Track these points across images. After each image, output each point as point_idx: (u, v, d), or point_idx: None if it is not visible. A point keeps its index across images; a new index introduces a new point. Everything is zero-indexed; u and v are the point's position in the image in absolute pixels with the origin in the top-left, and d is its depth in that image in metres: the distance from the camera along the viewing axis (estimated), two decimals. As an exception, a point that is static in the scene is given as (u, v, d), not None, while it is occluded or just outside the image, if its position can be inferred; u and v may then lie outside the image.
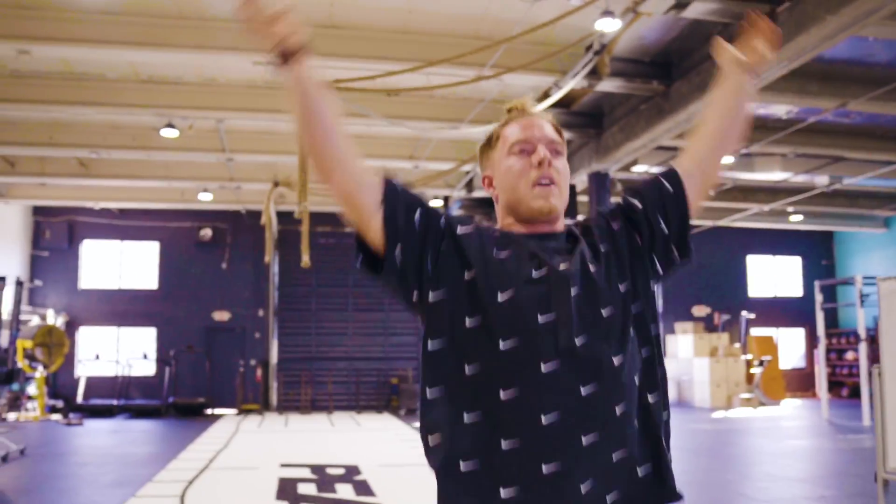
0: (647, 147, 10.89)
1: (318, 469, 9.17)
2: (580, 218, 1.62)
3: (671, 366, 20.05)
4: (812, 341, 20.41)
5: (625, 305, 1.48)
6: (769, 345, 20.36)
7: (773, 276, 22.38)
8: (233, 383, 18.38)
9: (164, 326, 18.53)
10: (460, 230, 1.49)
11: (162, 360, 18.09)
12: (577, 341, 1.40)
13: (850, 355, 19.89)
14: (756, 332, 20.90)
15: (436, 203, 17.31)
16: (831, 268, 22.56)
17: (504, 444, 1.39)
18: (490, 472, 1.39)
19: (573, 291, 1.43)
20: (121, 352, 18.47)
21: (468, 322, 1.43)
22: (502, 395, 1.40)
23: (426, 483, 1.55)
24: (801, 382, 21.99)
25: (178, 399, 17.49)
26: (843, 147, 12.47)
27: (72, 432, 13.51)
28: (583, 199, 13.97)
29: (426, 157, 13.60)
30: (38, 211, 18.22)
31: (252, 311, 18.90)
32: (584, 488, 1.38)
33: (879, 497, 3.90)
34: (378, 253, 1.45)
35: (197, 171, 14.90)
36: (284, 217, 15.63)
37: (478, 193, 16.10)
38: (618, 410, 1.42)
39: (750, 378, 19.03)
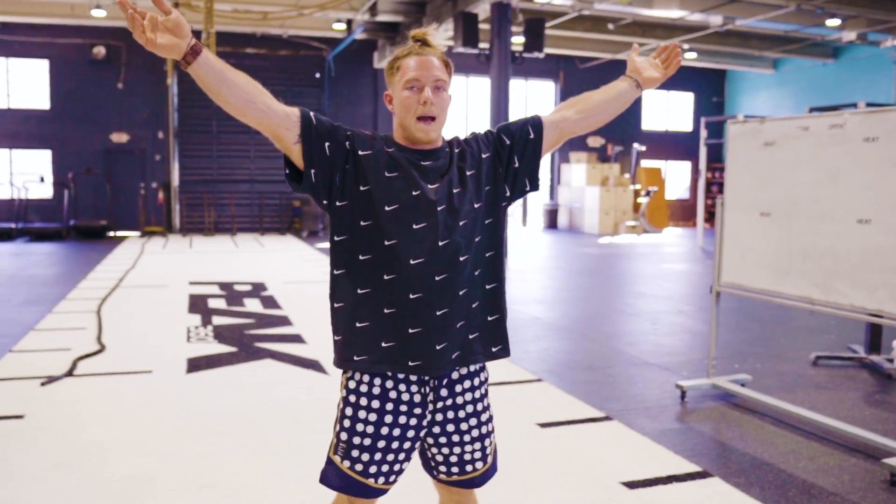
0: (551, -20, 11.03)
1: (226, 286, 9.64)
2: (461, 138, 2.13)
3: (564, 193, 21.12)
4: (697, 174, 21.67)
5: (476, 218, 2.00)
6: (657, 176, 21.58)
7: (666, 110, 23.31)
8: (134, 206, 18.36)
9: (60, 148, 18.03)
10: (361, 153, 1.95)
11: (59, 183, 17.78)
12: (440, 244, 1.91)
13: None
14: (646, 163, 22.05)
15: (338, 27, 17.03)
16: (721, 105, 23.65)
17: (385, 311, 1.93)
18: (375, 329, 1.94)
19: (439, 208, 1.93)
20: (15, 175, 18.00)
21: (363, 223, 1.94)
22: (385, 277, 1.92)
23: (327, 298, 2.08)
24: (684, 212, 23.56)
25: (79, 222, 17.43)
26: (737, -12, 12.91)
27: (-28, 253, 13.44)
28: (484, 27, 14.09)
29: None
30: None
31: (152, 133, 18.53)
32: (438, 347, 1.93)
33: (712, 305, 4.69)
34: (300, 169, 1.95)
35: (87, -15, 14.16)
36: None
37: (381, 18, 15.95)
38: (461, 293, 1.96)
39: (636, 207, 20.29)
